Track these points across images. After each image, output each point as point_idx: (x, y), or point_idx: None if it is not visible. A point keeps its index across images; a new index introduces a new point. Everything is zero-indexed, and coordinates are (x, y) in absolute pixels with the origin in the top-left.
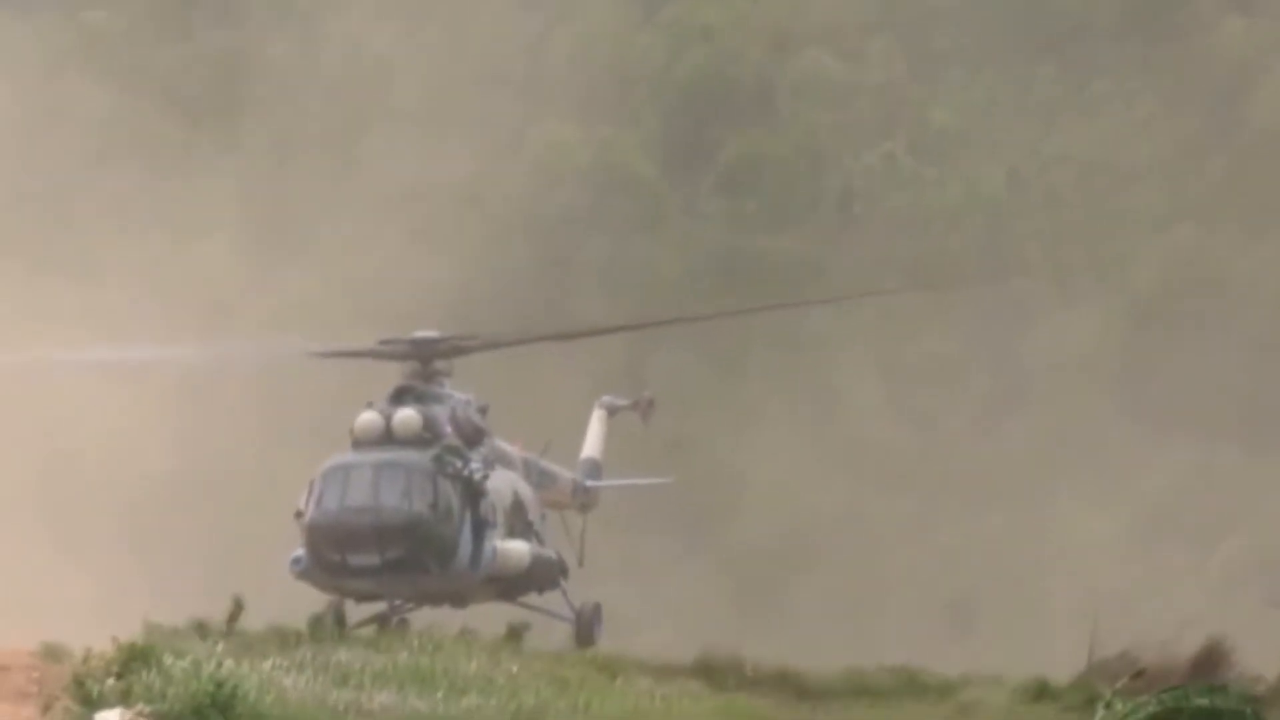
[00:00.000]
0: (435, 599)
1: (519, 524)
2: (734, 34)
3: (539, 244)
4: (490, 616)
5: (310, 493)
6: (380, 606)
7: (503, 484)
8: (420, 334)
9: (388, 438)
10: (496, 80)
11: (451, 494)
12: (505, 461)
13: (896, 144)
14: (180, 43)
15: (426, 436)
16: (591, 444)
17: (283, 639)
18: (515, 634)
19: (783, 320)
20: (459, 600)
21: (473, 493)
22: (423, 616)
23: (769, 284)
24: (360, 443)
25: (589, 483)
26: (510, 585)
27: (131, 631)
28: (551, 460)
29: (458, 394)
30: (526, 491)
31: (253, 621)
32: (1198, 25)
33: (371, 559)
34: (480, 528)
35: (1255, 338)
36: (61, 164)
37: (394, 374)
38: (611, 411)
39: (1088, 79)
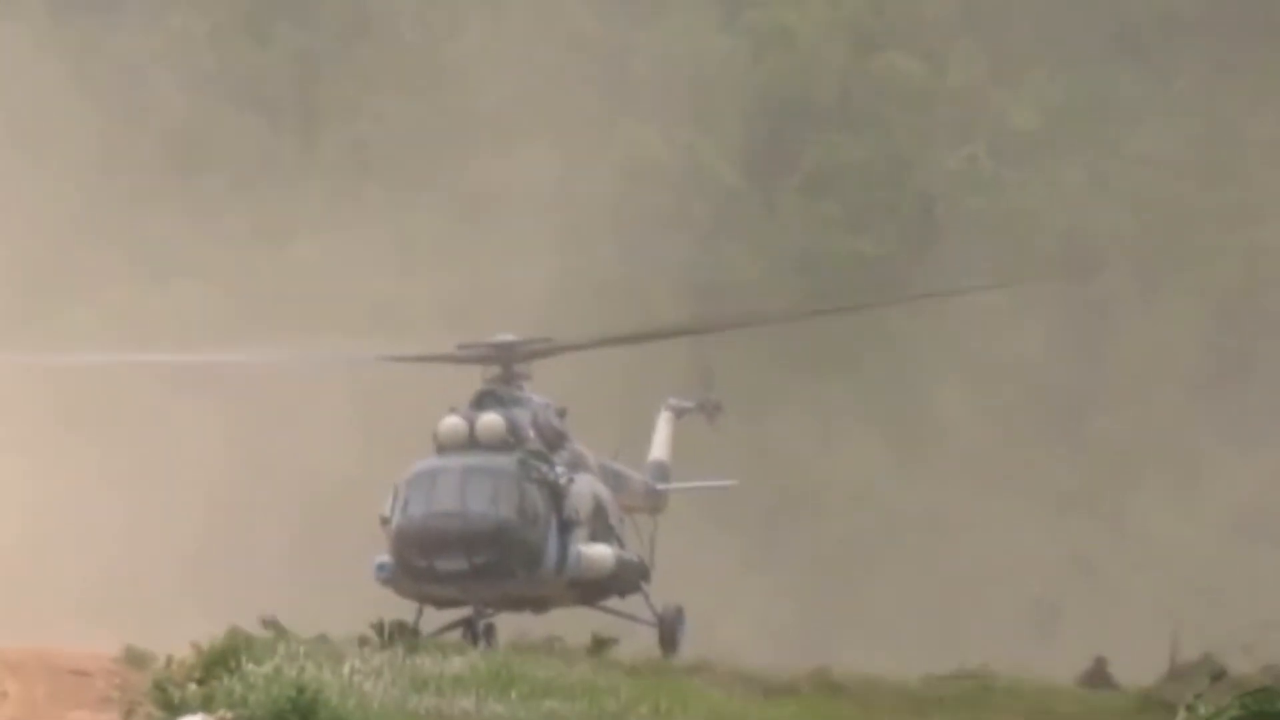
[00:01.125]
0: (518, 604)
1: (601, 527)
2: (814, 37)
3: (621, 247)
4: (576, 626)
5: (396, 498)
6: (458, 612)
7: (584, 488)
8: (500, 338)
9: (472, 442)
10: (578, 84)
11: (537, 499)
12: (583, 465)
13: (977, 146)
14: (262, 46)
15: (510, 441)
16: (659, 446)
17: (362, 644)
18: (601, 644)
19: (862, 321)
20: (541, 605)
21: (558, 497)
22: (509, 626)
23: (849, 287)
24: (445, 447)
25: (658, 485)
26: (592, 589)
27: (213, 637)
28: (623, 463)
29: (537, 397)
30: (606, 495)
31: (335, 628)
32: (1277, 24)
33: (459, 564)
34: (565, 532)
35: None
36: (143, 168)
37: (469, 380)
38: (678, 413)
39: (1169, 79)
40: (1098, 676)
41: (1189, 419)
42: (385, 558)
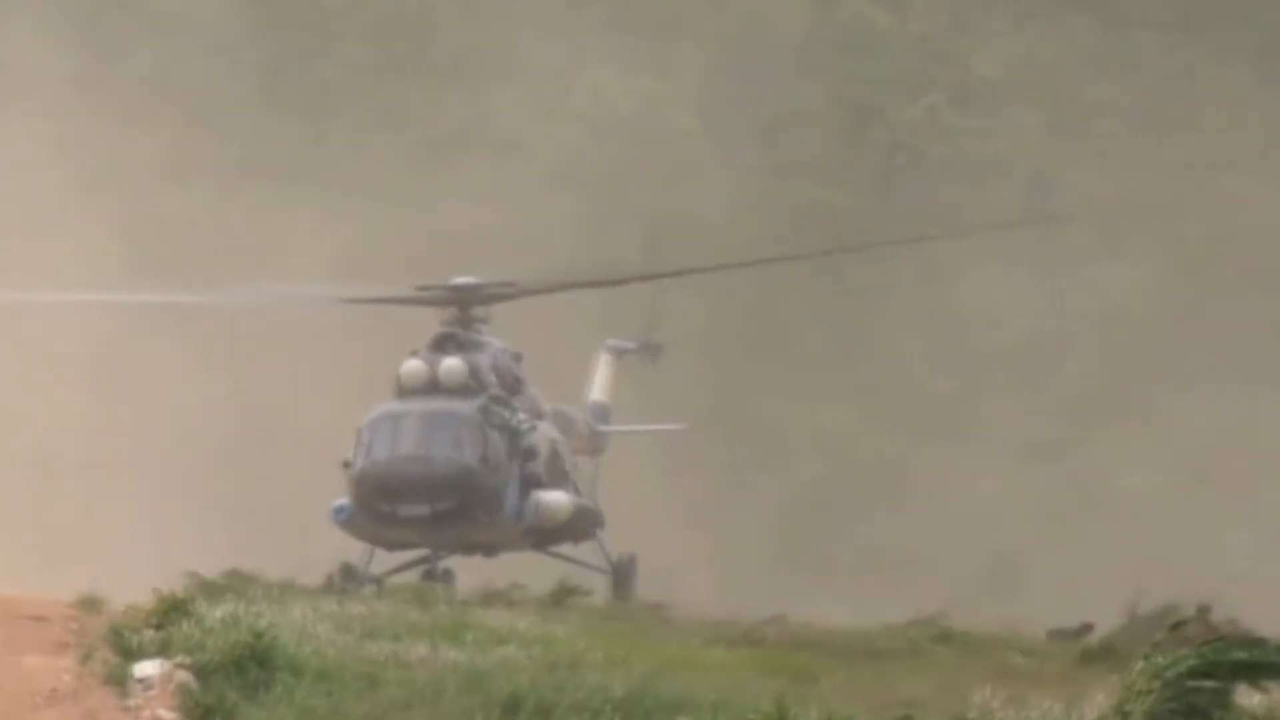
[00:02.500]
0: (471, 548)
1: (557, 474)
2: None
3: (581, 195)
4: (541, 575)
5: (358, 443)
6: (411, 555)
7: (542, 433)
8: (460, 280)
9: (434, 386)
10: (538, 31)
11: (499, 444)
12: (539, 410)
13: (939, 96)
14: None
15: (472, 385)
16: (598, 387)
17: (315, 591)
18: (563, 592)
19: (823, 270)
20: (492, 549)
21: (519, 443)
22: (473, 574)
23: (810, 235)
24: (406, 391)
25: (601, 427)
26: (547, 535)
27: (171, 583)
28: (567, 405)
29: (495, 341)
30: (561, 440)
31: (300, 573)
32: None
33: (422, 510)
34: (526, 478)
35: None
36: (106, 107)
37: (423, 322)
38: (618, 354)
39: (1131, 28)
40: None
41: (1151, 370)
42: (343, 501)
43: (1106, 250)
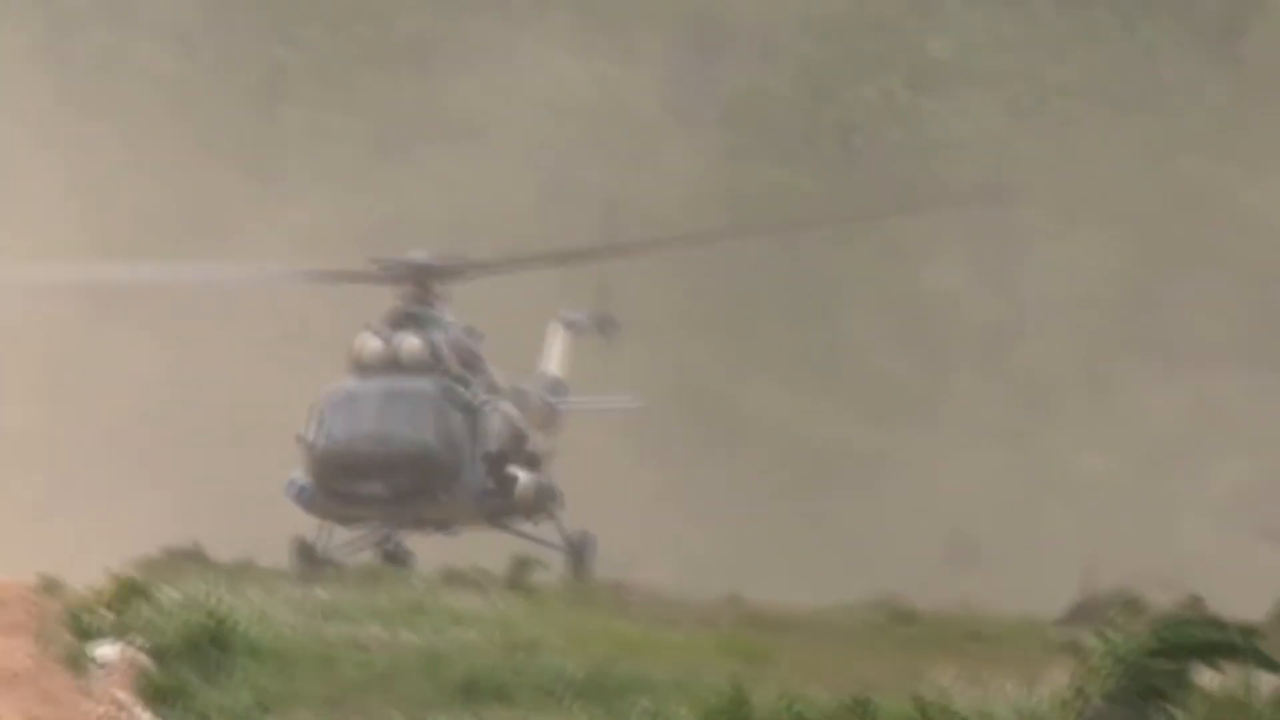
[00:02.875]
0: (426, 524)
1: (515, 450)
2: None
3: (539, 178)
4: (501, 552)
5: (316, 420)
6: (367, 531)
7: (501, 411)
8: (417, 256)
9: (392, 364)
10: (497, 13)
11: (458, 423)
12: (496, 387)
13: (895, 77)
14: None
15: (430, 363)
16: (551, 360)
17: (272, 572)
18: (521, 568)
19: (780, 251)
20: (451, 527)
21: (476, 421)
22: (434, 556)
23: (768, 217)
24: (363, 368)
25: (557, 403)
26: (505, 513)
27: (126, 564)
28: (522, 380)
29: (454, 319)
30: (519, 417)
31: (257, 552)
32: None
33: (380, 489)
34: (483, 456)
35: (1257, 270)
36: (63, 91)
37: (376, 300)
38: (570, 326)
39: (1087, 8)
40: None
41: (1107, 350)
42: (297, 475)
43: (1065, 231)
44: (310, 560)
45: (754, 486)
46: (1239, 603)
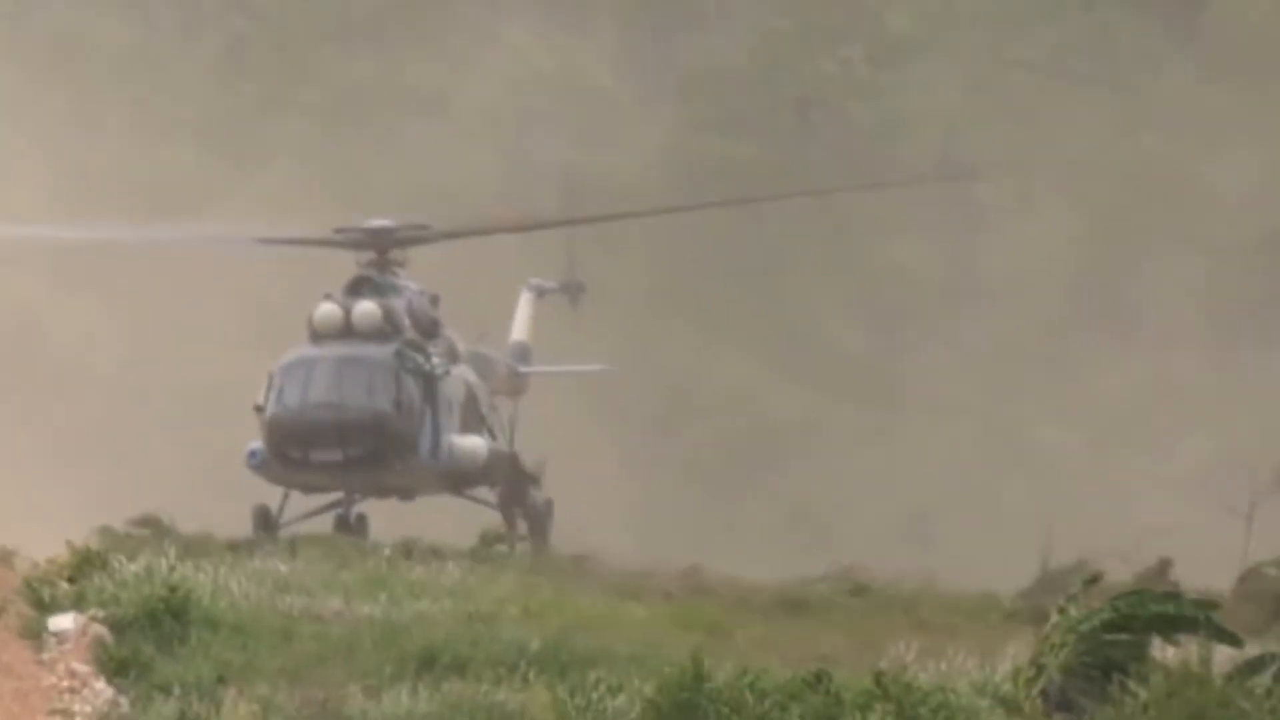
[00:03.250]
0: (388, 491)
1: (473, 418)
2: None
3: (496, 150)
4: (468, 524)
5: (271, 386)
6: (326, 498)
7: (458, 378)
8: (376, 222)
9: (347, 330)
10: None
11: (413, 390)
12: (456, 354)
13: (854, 50)
14: None
15: (387, 330)
16: (520, 326)
17: (230, 544)
18: (488, 541)
19: (739, 225)
20: (408, 493)
21: (432, 388)
22: (395, 527)
23: (725, 190)
24: (320, 335)
25: (522, 368)
26: (464, 480)
27: (83, 535)
28: (487, 346)
29: (412, 284)
30: (478, 384)
31: (218, 522)
32: None
33: (334, 455)
34: (439, 423)
35: (1214, 244)
36: (21, 67)
37: (340, 266)
38: (540, 294)
39: None
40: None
41: (1064, 326)
42: (257, 445)
43: (1022, 207)
44: (270, 528)
45: (712, 459)
46: (1199, 577)
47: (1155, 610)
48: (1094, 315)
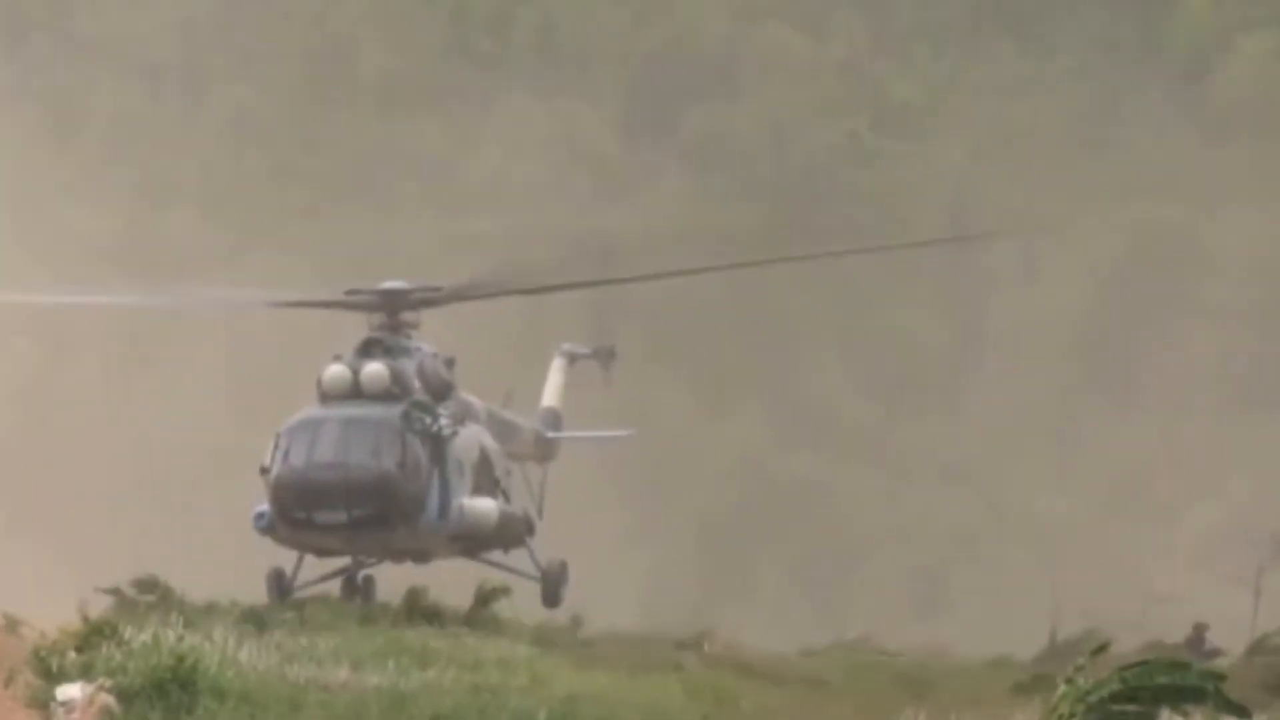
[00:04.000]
0: (399, 555)
1: (486, 481)
2: (696, 6)
3: (501, 216)
4: (467, 579)
5: (276, 448)
6: (340, 562)
7: (470, 440)
8: (388, 284)
9: (355, 392)
10: (459, 53)
11: (420, 451)
12: (471, 415)
13: (859, 120)
14: (144, 10)
15: (395, 391)
16: (551, 393)
17: (242, 617)
18: (485, 600)
19: (744, 293)
20: (422, 556)
21: (440, 450)
22: (397, 585)
23: (729, 258)
24: (328, 397)
25: (549, 434)
26: (475, 542)
27: (89, 601)
28: (513, 411)
29: (425, 346)
30: (493, 446)
31: (215, 585)
32: (1162, 1)
33: (339, 516)
34: (448, 485)
35: (1219, 310)
36: (22, 132)
37: (354, 329)
38: (572, 360)
39: (1052, 52)
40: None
41: (1071, 393)
42: (264, 507)
43: (1027, 274)
44: (284, 593)
45: (720, 524)
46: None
47: (1163, 681)
48: (1100, 382)
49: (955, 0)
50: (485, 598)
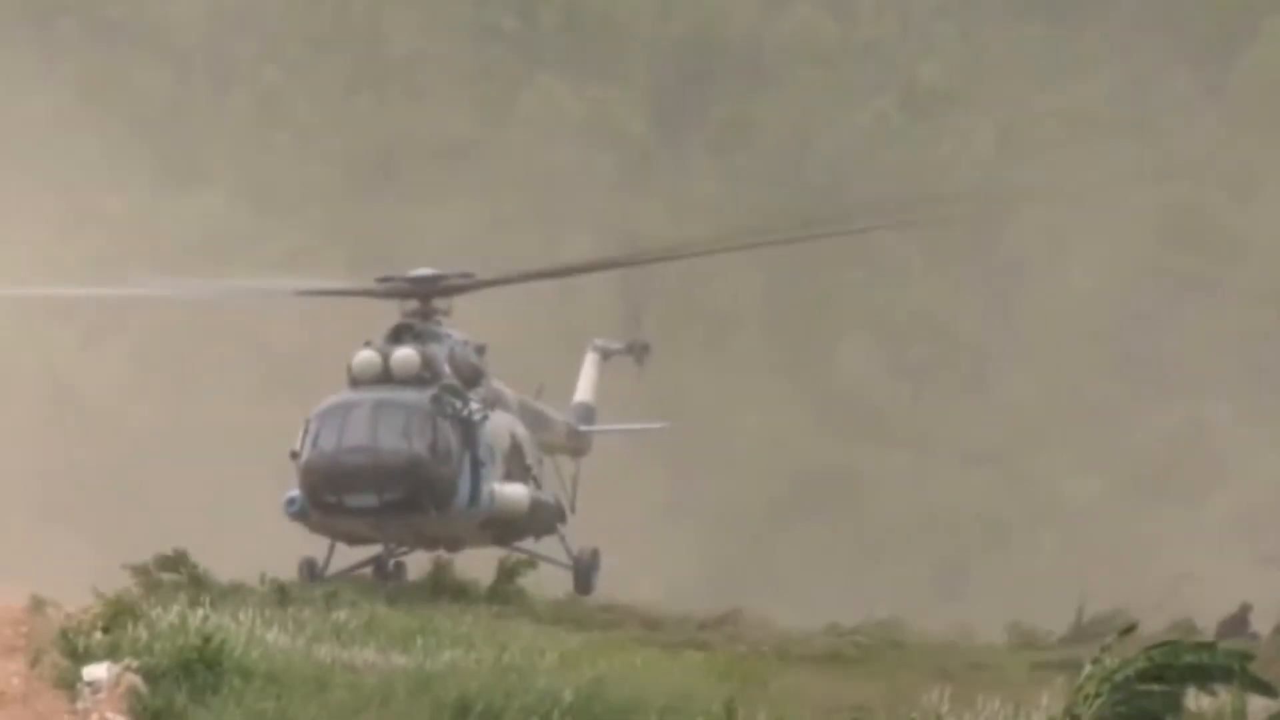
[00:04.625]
0: (431, 542)
1: (517, 467)
2: None
3: (530, 200)
4: (489, 557)
5: (306, 432)
6: (372, 550)
7: (501, 426)
8: (419, 271)
9: (386, 377)
10: (488, 37)
11: (450, 435)
12: (502, 403)
13: (887, 101)
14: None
15: (425, 376)
16: (584, 388)
17: (268, 595)
18: (510, 574)
19: (772, 276)
20: (455, 544)
21: (471, 434)
22: (421, 565)
23: (758, 238)
24: (358, 382)
25: (582, 427)
26: (507, 530)
27: (119, 585)
28: (545, 403)
29: (456, 333)
30: (525, 434)
31: (246, 569)
32: None
33: (369, 500)
34: (478, 470)
35: (1246, 294)
36: (52, 108)
37: (384, 317)
38: (605, 355)
39: (1081, 33)
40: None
41: (1096, 375)
42: (295, 493)
43: (1054, 256)
44: (316, 579)
45: (743, 508)
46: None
47: (1190, 660)
48: (1129, 364)
49: None
50: (510, 571)
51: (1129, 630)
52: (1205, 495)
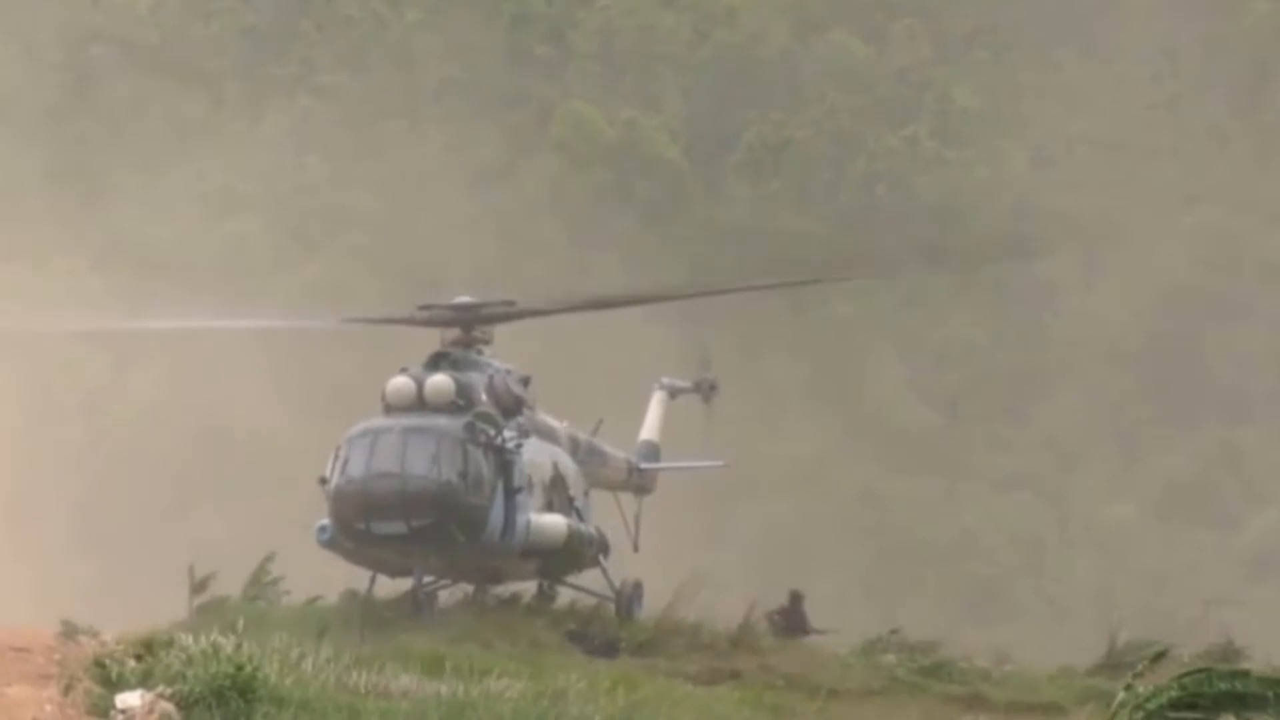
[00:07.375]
0: (467, 573)
1: (558, 498)
2: (758, 15)
3: (564, 224)
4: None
5: (336, 458)
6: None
7: (542, 456)
8: (461, 299)
9: (419, 403)
10: (522, 61)
11: (483, 463)
12: (547, 434)
13: (920, 126)
14: (206, 21)
15: (460, 403)
16: (650, 426)
17: (304, 623)
18: (547, 597)
19: (805, 302)
20: (494, 576)
21: (505, 462)
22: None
23: (791, 264)
24: (391, 408)
25: (643, 465)
26: (548, 562)
27: (157, 612)
28: (604, 440)
29: (497, 363)
30: (569, 466)
31: (290, 597)
32: (1223, 7)
33: (398, 527)
34: (513, 498)
35: (1279, 318)
36: (86, 141)
37: (428, 345)
38: (672, 393)
39: (1111, 60)
40: None
41: (1129, 400)
42: (326, 521)
43: (1087, 281)
44: (356, 608)
45: (777, 534)
46: (1270, 653)
47: (1223, 688)
48: (1162, 389)
49: (1016, 7)
50: (546, 596)
51: (1160, 656)
52: (1241, 519)
